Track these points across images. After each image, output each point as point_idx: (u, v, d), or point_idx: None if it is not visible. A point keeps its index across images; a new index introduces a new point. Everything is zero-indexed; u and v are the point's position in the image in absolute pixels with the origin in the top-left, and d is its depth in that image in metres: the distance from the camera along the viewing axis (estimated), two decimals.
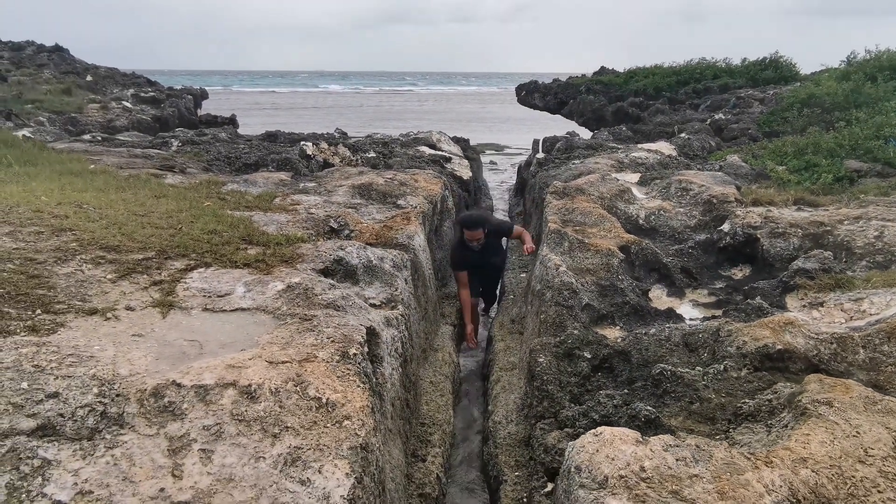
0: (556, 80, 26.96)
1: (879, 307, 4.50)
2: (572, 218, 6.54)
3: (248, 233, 4.70)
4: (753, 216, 6.38)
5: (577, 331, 4.64)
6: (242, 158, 9.26)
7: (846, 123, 10.34)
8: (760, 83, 19.49)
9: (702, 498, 2.26)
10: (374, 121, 38.91)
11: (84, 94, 18.79)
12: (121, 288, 3.50)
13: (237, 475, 2.27)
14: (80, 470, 2.18)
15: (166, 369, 2.71)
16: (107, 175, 6.54)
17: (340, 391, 2.73)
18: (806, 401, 2.93)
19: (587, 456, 2.53)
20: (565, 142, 12.56)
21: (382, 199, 6.88)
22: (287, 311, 3.40)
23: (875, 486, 2.39)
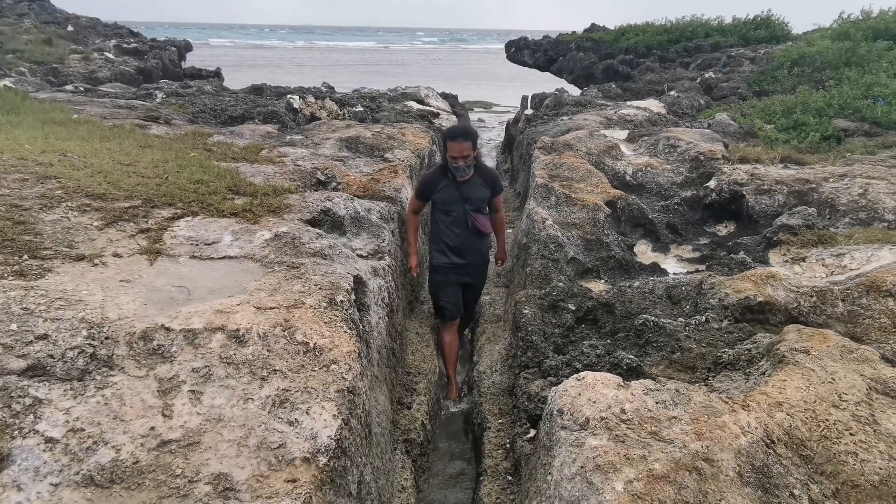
0: (546, 37, 26.56)
1: (860, 262, 4.59)
2: (560, 173, 6.54)
3: (235, 183, 4.66)
4: (740, 173, 6.41)
5: (562, 283, 4.68)
6: (228, 111, 9.11)
7: (836, 83, 10.32)
8: (752, 42, 19.31)
9: (679, 439, 2.34)
10: (362, 76, 38.25)
11: (65, 45, 18.29)
12: (107, 235, 3.47)
13: (226, 415, 2.31)
14: (72, 409, 2.21)
15: (155, 314, 2.72)
16: (90, 125, 6.42)
17: (328, 336, 2.76)
18: (784, 349, 3.01)
19: (569, 399, 2.59)
20: (554, 98, 12.45)
21: (370, 153, 6.82)
22: (275, 259, 3.40)
23: (847, 428, 2.48)
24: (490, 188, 4.63)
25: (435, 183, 4.57)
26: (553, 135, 8.43)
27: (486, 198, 4.62)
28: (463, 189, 4.50)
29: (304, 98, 10.05)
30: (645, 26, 22.83)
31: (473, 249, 4.73)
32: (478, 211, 4.59)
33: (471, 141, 4.37)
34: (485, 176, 4.63)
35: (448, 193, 4.53)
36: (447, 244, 4.66)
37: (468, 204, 4.53)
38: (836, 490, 2.28)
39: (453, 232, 4.61)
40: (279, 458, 2.19)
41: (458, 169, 4.40)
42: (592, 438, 2.37)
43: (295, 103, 9.66)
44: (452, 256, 4.67)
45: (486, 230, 4.66)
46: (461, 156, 4.34)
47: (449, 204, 4.56)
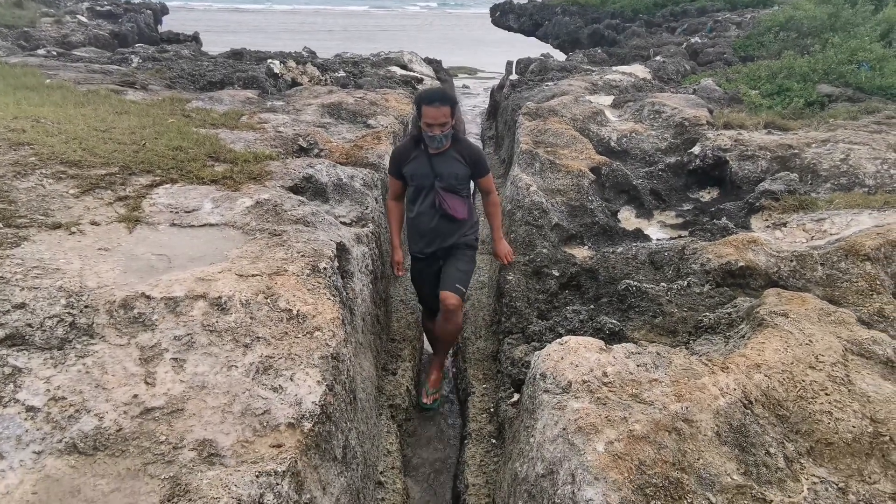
0: (532, 1, 26.18)
1: (840, 227, 4.64)
2: (544, 139, 6.50)
3: (215, 150, 4.58)
4: (724, 139, 6.42)
5: (546, 250, 4.70)
6: (207, 76, 8.91)
7: (821, 48, 10.30)
8: (738, 6, 19.16)
9: (660, 400, 2.37)
10: (344, 41, 37.53)
11: (36, 7, 17.69)
12: (84, 203, 3.41)
13: (210, 382, 2.31)
14: (52, 377, 2.19)
15: (135, 282, 2.69)
16: (64, 90, 6.26)
17: (311, 303, 2.75)
18: (763, 312, 3.05)
19: (552, 363, 2.62)
20: (539, 63, 12.32)
21: (352, 119, 6.73)
22: (256, 227, 3.37)
23: (823, 388, 2.53)
24: (469, 166, 3.83)
25: (405, 154, 3.86)
26: (538, 100, 8.36)
27: (462, 176, 3.83)
28: (435, 162, 3.76)
29: (285, 63, 9.85)
30: None
31: (445, 234, 3.94)
32: (450, 190, 3.80)
33: (449, 106, 3.63)
34: (464, 151, 3.83)
35: (418, 166, 3.80)
36: (416, 228, 3.97)
37: (439, 180, 3.77)
38: (811, 448, 2.34)
39: (420, 213, 3.90)
40: (264, 423, 2.20)
41: (433, 139, 3.64)
42: (574, 401, 2.40)
43: (276, 68, 9.47)
44: (421, 244, 3.99)
45: (457, 215, 3.84)
46: (437, 123, 3.59)
47: (418, 178, 3.82)
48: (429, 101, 3.63)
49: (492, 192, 4.04)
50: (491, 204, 4.06)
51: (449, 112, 3.63)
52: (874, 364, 2.70)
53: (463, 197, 3.91)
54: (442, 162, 3.78)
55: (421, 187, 3.85)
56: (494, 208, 4.09)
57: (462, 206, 3.88)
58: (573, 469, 2.15)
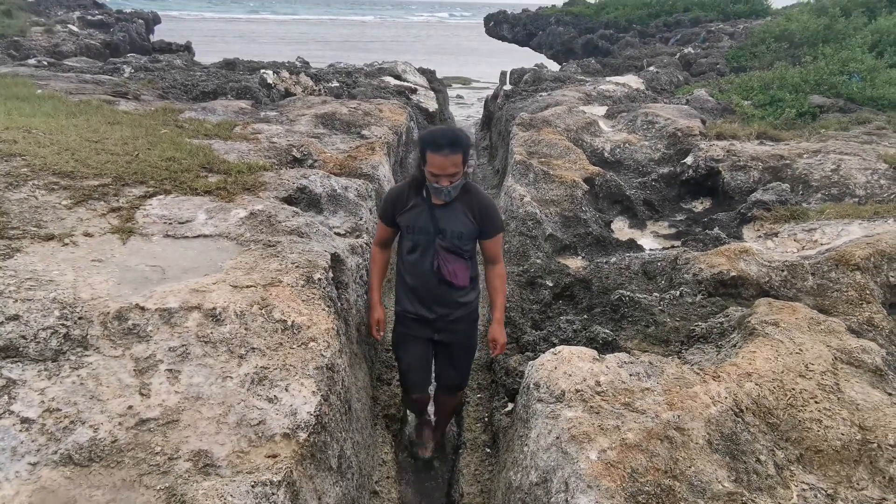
0: (526, 11, 26.37)
1: (830, 237, 4.69)
2: (538, 149, 6.55)
3: (209, 160, 4.59)
4: (716, 149, 6.48)
5: (540, 260, 4.73)
6: (200, 86, 8.92)
7: (813, 58, 10.43)
8: (731, 17, 19.38)
9: (652, 409, 2.39)
10: (338, 50, 37.68)
11: (26, 17, 17.70)
12: (77, 214, 3.42)
13: (205, 393, 2.31)
14: (47, 389, 2.19)
15: (129, 293, 2.70)
16: (56, 100, 6.26)
17: (306, 314, 2.76)
18: (755, 321, 3.08)
19: (546, 373, 2.63)
20: (533, 74, 12.41)
21: (346, 129, 6.76)
22: (250, 238, 3.38)
23: (813, 397, 2.56)
24: (478, 223, 3.09)
25: (402, 200, 3.15)
26: (532, 111, 8.42)
27: (468, 235, 3.11)
28: (438, 215, 3.07)
29: (279, 73, 9.88)
30: (625, 0, 22.76)
31: (441, 299, 3.24)
32: (452, 251, 3.11)
33: (461, 152, 2.89)
34: (473, 204, 3.10)
35: (416, 217, 3.11)
36: (408, 285, 3.28)
37: (440, 237, 3.08)
38: (801, 455, 2.36)
39: (415, 270, 3.22)
40: (259, 434, 2.20)
41: (440, 191, 2.96)
42: (568, 410, 2.41)
43: (269, 78, 9.50)
44: (415, 304, 3.28)
45: (456, 281, 3.15)
46: (446, 174, 2.88)
47: (415, 232, 3.14)
48: (436, 148, 2.87)
49: (498, 262, 3.26)
50: (497, 276, 3.26)
51: (460, 160, 2.90)
52: (863, 372, 2.73)
53: (466, 259, 3.19)
54: (447, 215, 3.07)
55: (418, 241, 3.15)
56: (500, 282, 3.27)
57: (465, 270, 3.17)
58: (567, 477, 2.16)
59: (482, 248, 3.24)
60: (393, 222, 3.22)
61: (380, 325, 3.38)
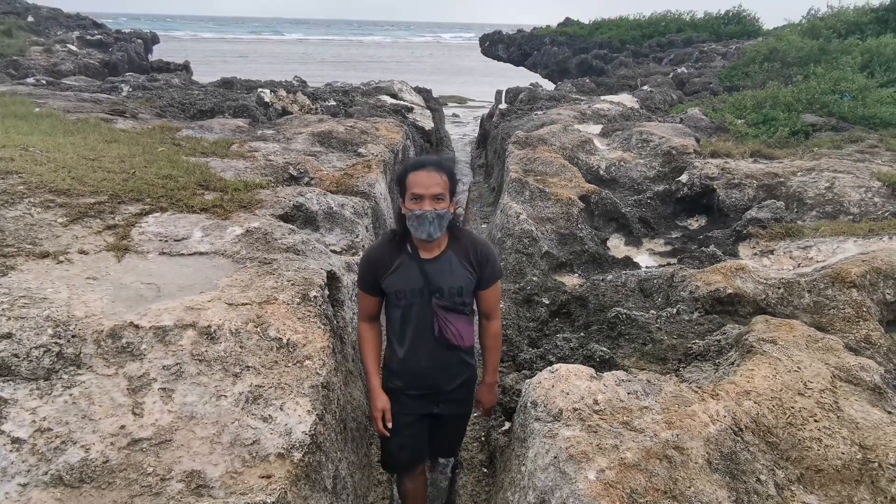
0: (521, 31, 26.67)
1: (826, 254, 4.70)
2: (534, 167, 6.57)
3: (205, 178, 4.60)
4: (711, 167, 6.51)
5: (537, 278, 4.72)
6: (197, 105, 8.97)
7: (804, 78, 10.54)
8: (724, 37, 19.64)
9: (651, 428, 2.37)
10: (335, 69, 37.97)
11: (26, 36, 17.81)
12: (73, 232, 3.40)
13: (198, 413, 2.29)
14: (38, 408, 2.16)
15: (123, 311, 2.67)
16: (53, 118, 6.28)
17: (301, 332, 2.74)
18: (752, 339, 3.07)
19: (543, 391, 2.61)
20: (528, 93, 12.50)
21: (343, 147, 6.78)
22: (246, 255, 3.37)
23: (812, 415, 2.54)
24: (476, 270, 2.62)
25: (383, 260, 2.61)
26: (527, 129, 8.47)
27: (468, 288, 2.62)
28: (430, 270, 2.57)
29: (276, 92, 9.94)
30: (619, 21, 23.08)
31: (445, 368, 2.72)
32: (452, 309, 2.62)
33: (446, 174, 2.49)
34: (469, 250, 2.63)
35: (404, 277, 2.58)
36: (402, 359, 2.70)
37: (437, 296, 2.58)
38: (801, 475, 2.34)
39: (411, 340, 2.66)
40: (253, 454, 2.17)
41: (423, 219, 2.42)
42: (565, 429, 2.39)
43: (266, 97, 9.55)
44: (413, 379, 2.71)
45: (462, 343, 2.66)
46: (430, 194, 2.42)
47: (406, 295, 2.59)
48: (417, 166, 2.51)
49: (494, 317, 2.77)
50: (492, 335, 2.79)
51: (446, 181, 2.47)
52: (862, 390, 2.72)
53: (468, 314, 2.71)
54: (441, 270, 2.58)
55: (409, 307, 2.60)
56: (495, 341, 2.82)
57: (469, 327, 2.71)
58: (565, 498, 2.14)
59: (477, 299, 2.73)
60: (377, 289, 2.64)
61: (386, 415, 2.67)
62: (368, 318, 2.74)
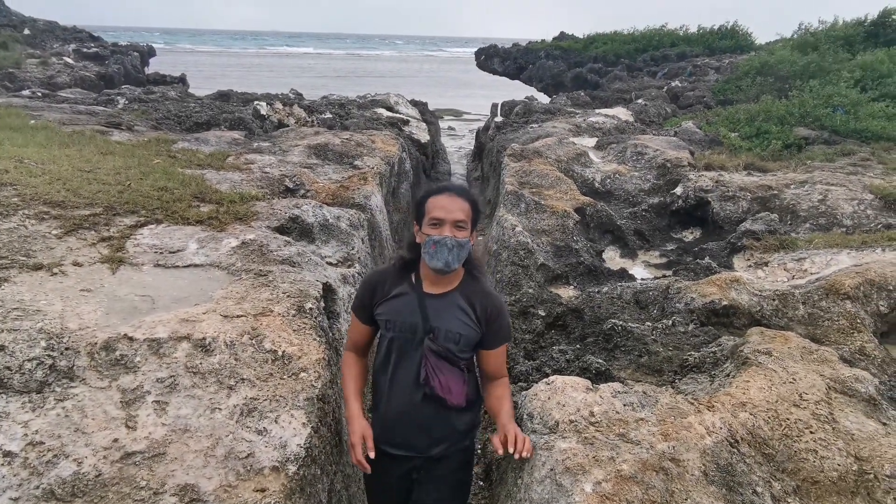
0: (516, 45, 26.87)
1: (820, 266, 4.72)
2: (529, 180, 6.59)
3: (201, 190, 4.59)
4: (705, 180, 6.55)
5: (532, 290, 4.72)
6: (193, 117, 8.98)
7: (797, 92, 10.64)
8: (717, 51, 19.83)
9: (647, 439, 2.37)
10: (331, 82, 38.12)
11: (22, 49, 17.87)
12: (67, 244, 3.39)
13: (193, 426, 2.27)
14: (30, 422, 2.15)
15: (117, 323, 2.66)
16: (49, 131, 6.28)
17: (297, 344, 2.73)
18: (748, 351, 3.07)
19: (539, 403, 2.60)
20: (524, 106, 12.57)
21: (339, 160, 6.79)
22: (242, 267, 3.36)
23: (808, 427, 2.54)
24: (480, 325, 2.32)
25: (383, 285, 2.37)
26: (523, 142, 8.51)
27: (466, 339, 2.31)
28: (430, 307, 2.30)
29: (272, 104, 9.97)
30: (613, 35, 23.30)
31: (427, 425, 2.36)
32: (445, 357, 2.30)
33: (468, 201, 2.26)
34: (477, 298, 2.33)
35: (401, 307, 2.32)
36: (383, 406, 2.40)
37: (431, 338, 2.28)
38: (797, 487, 2.33)
39: (391, 384, 2.37)
40: (248, 467, 2.16)
41: (441, 247, 2.19)
42: (562, 441, 2.38)
43: (262, 110, 9.58)
44: (386, 434, 2.37)
45: (450, 398, 2.32)
46: (451, 219, 2.19)
47: (398, 328, 2.32)
48: (439, 190, 2.29)
49: (502, 375, 2.46)
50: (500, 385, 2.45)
51: (469, 209, 2.24)
52: (857, 402, 2.72)
53: (462, 370, 2.37)
54: (441, 309, 2.30)
55: (398, 342, 2.33)
56: (505, 389, 2.45)
57: (460, 384, 2.36)
58: None
59: (480, 359, 2.42)
60: (369, 316, 2.40)
61: (366, 441, 2.27)
62: (356, 348, 2.49)
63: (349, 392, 2.42)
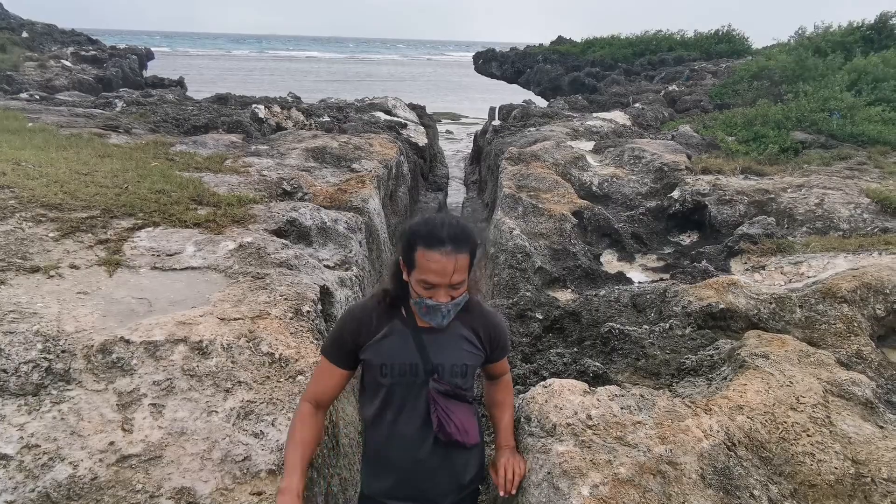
0: (514, 49, 26.92)
1: (817, 270, 4.72)
2: (527, 183, 6.60)
3: (199, 193, 4.59)
4: (703, 184, 6.56)
5: (530, 293, 4.72)
6: (191, 120, 8.98)
7: (794, 96, 10.67)
8: (714, 56, 19.89)
9: (644, 443, 2.36)
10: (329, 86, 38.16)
11: (20, 52, 17.87)
12: (64, 246, 3.39)
13: (189, 429, 2.27)
14: (26, 424, 2.14)
15: (114, 326, 2.66)
16: (46, 133, 6.27)
17: (294, 347, 2.73)
18: (744, 354, 3.07)
19: (536, 406, 2.60)
20: (521, 110, 12.59)
21: (337, 163, 6.79)
22: (239, 270, 3.36)
23: (805, 430, 2.54)
24: (485, 349, 2.11)
25: (369, 323, 2.00)
26: (520, 145, 8.52)
27: (474, 367, 2.11)
28: (428, 342, 2.01)
29: (270, 108, 9.97)
30: (611, 39, 23.35)
31: (444, 474, 2.12)
32: (454, 396, 2.05)
33: (468, 251, 1.87)
34: (478, 324, 2.09)
35: (394, 349, 2.00)
36: (383, 455, 2.09)
37: (436, 379, 2.02)
38: (794, 490, 2.33)
39: (398, 436, 2.06)
40: (244, 470, 2.15)
41: (435, 310, 1.90)
42: (559, 444, 2.38)
43: (260, 113, 9.58)
44: (388, 484, 2.11)
45: (468, 440, 2.09)
46: (446, 283, 1.85)
47: (395, 373, 2.00)
48: (434, 243, 1.82)
49: (505, 372, 2.32)
50: (503, 386, 2.33)
51: (467, 263, 1.88)
52: (854, 405, 2.72)
53: (471, 404, 2.14)
54: (441, 342, 2.02)
55: (396, 387, 2.01)
56: (508, 393, 2.35)
57: (472, 420, 2.12)
58: None
59: (486, 368, 2.25)
60: (351, 360, 2.01)
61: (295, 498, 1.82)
62: (318, 401, 2.01)
63: (293, 461, 1.87)
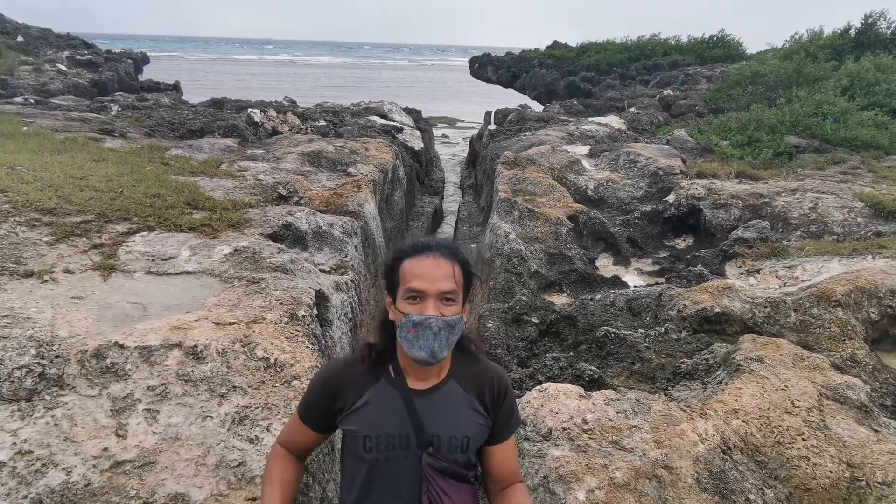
0: (510, 54, 26.98)
1: (811, 273, 4.74)
2: (523, 187, 6.61)
3: (194, 197, 4.58)
4: (697, 188, 6.58)
5: (526, 297, 4.72)
6: (187, 124, 8.96)
7: (787, 101, 10.72)
8: (708, 60, 19.97)
9: (640, 447, 2.37)
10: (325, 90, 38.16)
11: (15, 56, 17.82)
12: (58, 251, 3.37)
13: (184, 434, 2.26)
14: (19, 430, 2.13)
15: (108, 331, 2.65)
16: (41, 137, 6.25)
17: (289, 352, 2.72)
18: (740, 358, 3.08)
19: (532, 411, 2.60)
20: (517, 114, 12.61)
21: (333, 167, 6.79)
22: (234, 274, 3.35)
23: (800, 434, 2.54)
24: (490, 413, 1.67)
25: (350, 385, 1.63)
26: (516, 150, 8.53)
27: (476, 440, 1.65)
28: (421, 408, 1.62)
29: (266, 112, 9.96)
30: (606, 44, 23.43)
31: None
32: (453, 474, 1.62)
33: (458, 263, 1.57)
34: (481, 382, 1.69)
35: (380, 416, 1.60)
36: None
37: (432, 454, 1.60)
38: (790, 494, 2.33)
39: None
40: (239, 476, 2.14)
41: (424, 330, 1.51)
42: (555, 449, 2.38)
43: (256, 117, 9.57)
44: None
45: None
46: (436, 291, 1.52)
47: (378, 446, 1.59)
48: (417, 250, 1.59)
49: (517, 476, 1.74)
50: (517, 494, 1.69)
51: (458, 273, 1.57)
52: (848, 409, 2.73)
53: (472, 483, 1.69)
54: (437, 408, 1.63)
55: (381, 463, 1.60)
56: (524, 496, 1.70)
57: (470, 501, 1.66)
58: None
59: (487, 459, 1.71)
60: (326, 425, 1.69)
61: None
62: (288, 449, 1.73)
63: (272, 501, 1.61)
